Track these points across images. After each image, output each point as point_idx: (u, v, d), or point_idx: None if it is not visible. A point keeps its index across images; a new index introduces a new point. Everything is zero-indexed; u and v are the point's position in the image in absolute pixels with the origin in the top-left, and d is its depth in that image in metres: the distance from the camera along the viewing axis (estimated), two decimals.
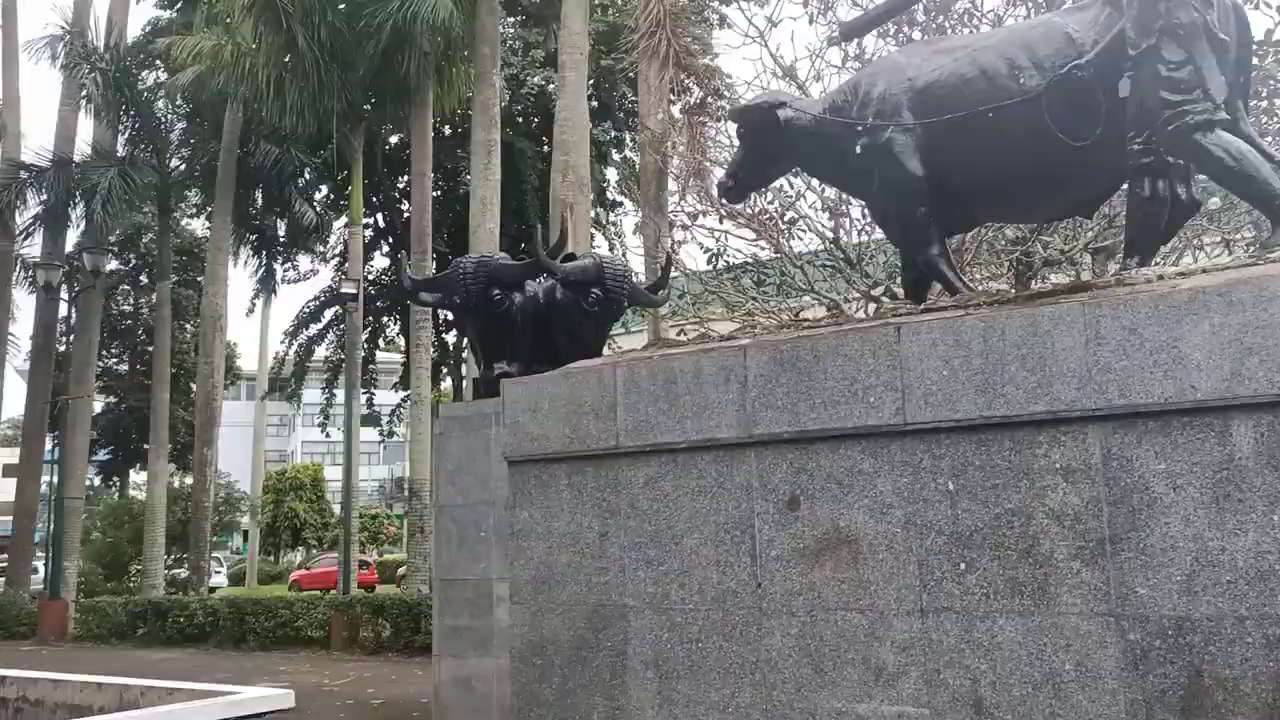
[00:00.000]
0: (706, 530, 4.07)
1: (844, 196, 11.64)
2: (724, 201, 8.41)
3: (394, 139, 27.31)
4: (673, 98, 15.55)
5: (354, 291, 17.81)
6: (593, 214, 21.17)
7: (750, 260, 13.00)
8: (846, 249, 11.49)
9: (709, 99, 17.28)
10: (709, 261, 13.16)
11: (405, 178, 27.46)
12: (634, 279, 9.56)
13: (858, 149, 4.74)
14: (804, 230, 11.95)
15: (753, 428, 3.98)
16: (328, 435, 28.93)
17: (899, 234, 4.86)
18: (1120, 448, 3.30)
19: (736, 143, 5.50)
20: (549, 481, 4.53)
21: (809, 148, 5.04)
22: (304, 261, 29.56)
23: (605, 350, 9.21)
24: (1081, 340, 3.37)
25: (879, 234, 11.97)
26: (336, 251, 29.37)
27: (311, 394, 31.68)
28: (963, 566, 3.54)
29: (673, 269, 10.23)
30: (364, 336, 24.51)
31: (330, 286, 28.74)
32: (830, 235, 11.77)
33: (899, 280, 11.09)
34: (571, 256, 9.19)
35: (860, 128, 4.73)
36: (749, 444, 4.00)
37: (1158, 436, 3.24)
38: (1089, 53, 4.16)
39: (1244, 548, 3.08)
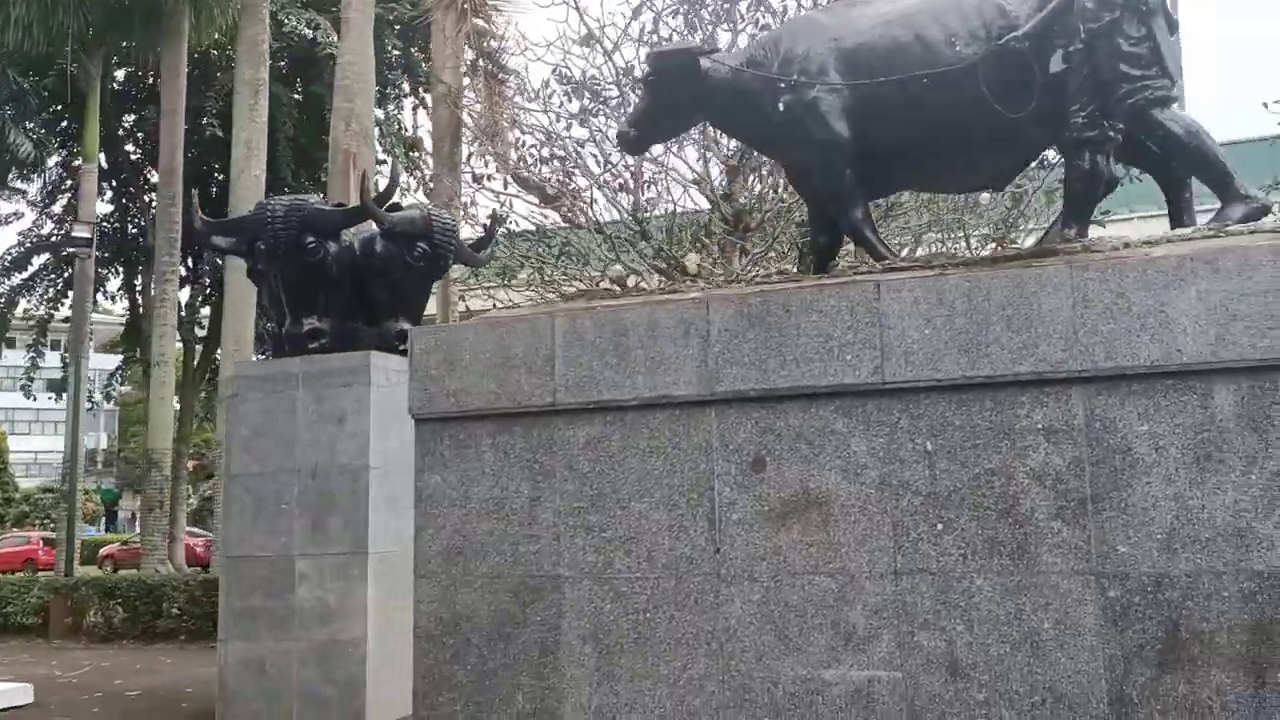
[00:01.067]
0: (658, 493, 3.81)
1: (632, 170, 11.61)
2: (622, 152, 8.07)
3: (121, 73, 24.53)
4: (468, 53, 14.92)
5: (88, 235, 15.76)
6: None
7: (535, 227, 12.73)
8: (640, 221, 11.44)
9: (480, 60, 16.69)
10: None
11: (133, 116, 24.78)
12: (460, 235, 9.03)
13: (780, 106, 4.60)
14: (594, 200, 11.81)
15: (715, 385, 3.75)
16: (34, 399, 25.68)
17: (823, 195, 4.76)
18: (1104, 409, 3.37)
19: (642, 90, 5.21)
20: (468, 442, 4.08)
21: (724, 101, 4.84)
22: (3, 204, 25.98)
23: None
24: (1069, 303, 3.40)
25: (663, 208, 12.11)
26: (46, 192, 26.07)
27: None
28: (940, 527, 3.50)
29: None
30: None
31: (34, 230, 25.53)
32: (627, 209, 11.69)
33: (679, 252, 11.26)
34: (397, 206, 8.52)
35: (784, 84, 4.59)
36: (710, 402, 3.77)
37: (1141, 398, 3.33)
38: (1024, 25, 4.22)
39: (1223, 506, 3.22)
